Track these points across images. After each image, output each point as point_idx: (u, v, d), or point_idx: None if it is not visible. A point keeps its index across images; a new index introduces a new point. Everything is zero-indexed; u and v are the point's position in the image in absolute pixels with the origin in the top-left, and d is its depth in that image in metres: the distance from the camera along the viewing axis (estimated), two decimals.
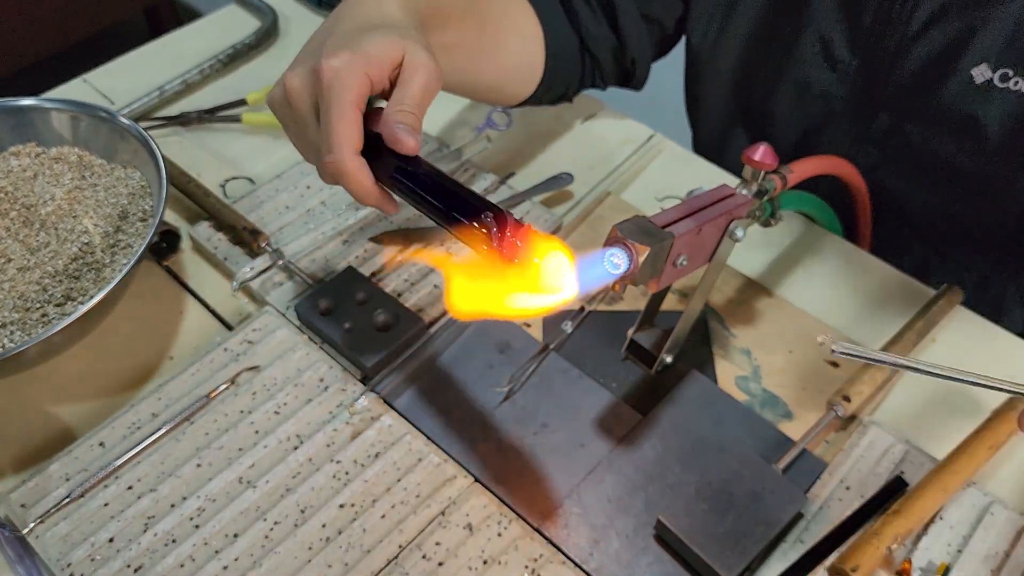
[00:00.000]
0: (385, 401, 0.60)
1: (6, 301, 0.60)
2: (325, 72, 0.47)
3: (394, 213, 0.52)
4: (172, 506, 0.54)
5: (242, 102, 0.82)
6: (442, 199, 0.46)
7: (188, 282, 0.69)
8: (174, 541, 0.52)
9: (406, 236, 0.69)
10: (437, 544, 0.53)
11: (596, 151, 0.80)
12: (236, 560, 0.52)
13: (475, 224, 0.44)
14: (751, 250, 0.71)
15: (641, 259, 0.46)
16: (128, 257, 0.64)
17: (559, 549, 0.53)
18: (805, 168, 0.63)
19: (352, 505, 0.54)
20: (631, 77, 0.81)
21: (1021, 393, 0.45)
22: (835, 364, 0.63)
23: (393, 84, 0.50)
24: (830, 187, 0.72)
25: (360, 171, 0.48)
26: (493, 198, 0.73)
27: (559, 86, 0.75)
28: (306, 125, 0.51)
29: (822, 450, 0.58)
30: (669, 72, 0.92)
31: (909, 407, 0.61)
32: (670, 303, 0.66)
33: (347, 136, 0.47)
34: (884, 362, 0.46)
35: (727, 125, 0.86)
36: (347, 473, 0.56)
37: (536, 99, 0.74)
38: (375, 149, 0.49)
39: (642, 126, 0.83)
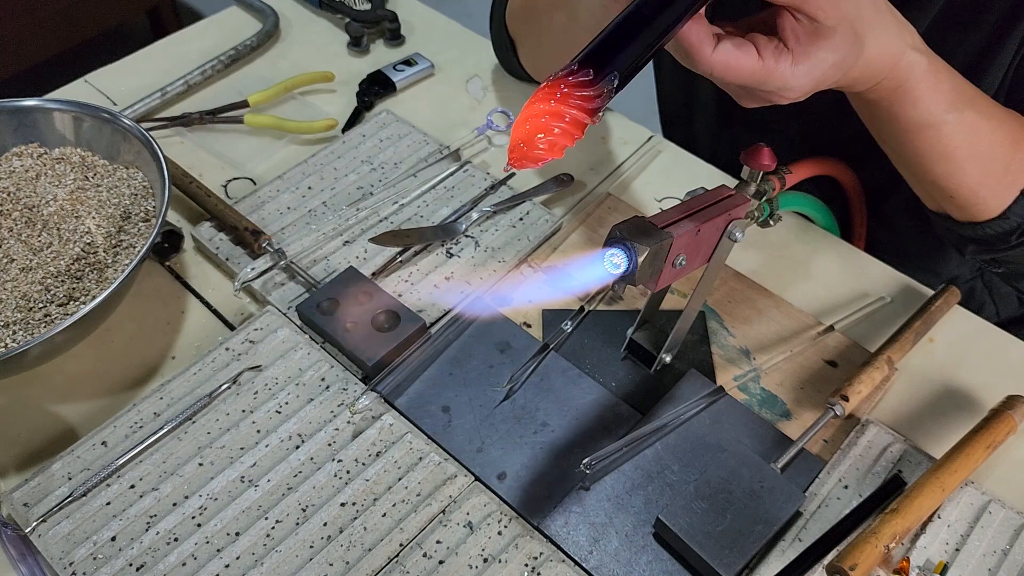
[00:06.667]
0: (386, 400, 0.60)
1: (9, 301, 0.61)
2: None
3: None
4: (174, 505, 0.54)
5: (244, 103, 0.83)
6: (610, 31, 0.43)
7: (190, 282, 0.69)
8: (176, 540, 0.53)
9: (406, 236, 0.69)
10: (438, 542, 0.53)
11: (596, 152, 0.80)
12: (238, 559, 0.52)
13: (574, 64, 0.42)
14: (750, 250, 0.71)
15: (640, 259, 0.47)
16: (131, 257, 0.64)
17: (559, 547, 0.53)
18: (803, 170, 0.63)
19: (353, 504, 0.55)
20: None
21: None
22: (834, 363, 0.63)
23: None
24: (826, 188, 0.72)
25: None
26: (492, 199, 0.73)
27: None
28: None
29: (820, 449, 0.59)
30: None
31: (907, 406, 0.61)
32: (669, 303, 0.66)
33: None
34: None
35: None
36: (348, 472, 0.56)
37: None
38: None
39: (642, 127, 0.83)
